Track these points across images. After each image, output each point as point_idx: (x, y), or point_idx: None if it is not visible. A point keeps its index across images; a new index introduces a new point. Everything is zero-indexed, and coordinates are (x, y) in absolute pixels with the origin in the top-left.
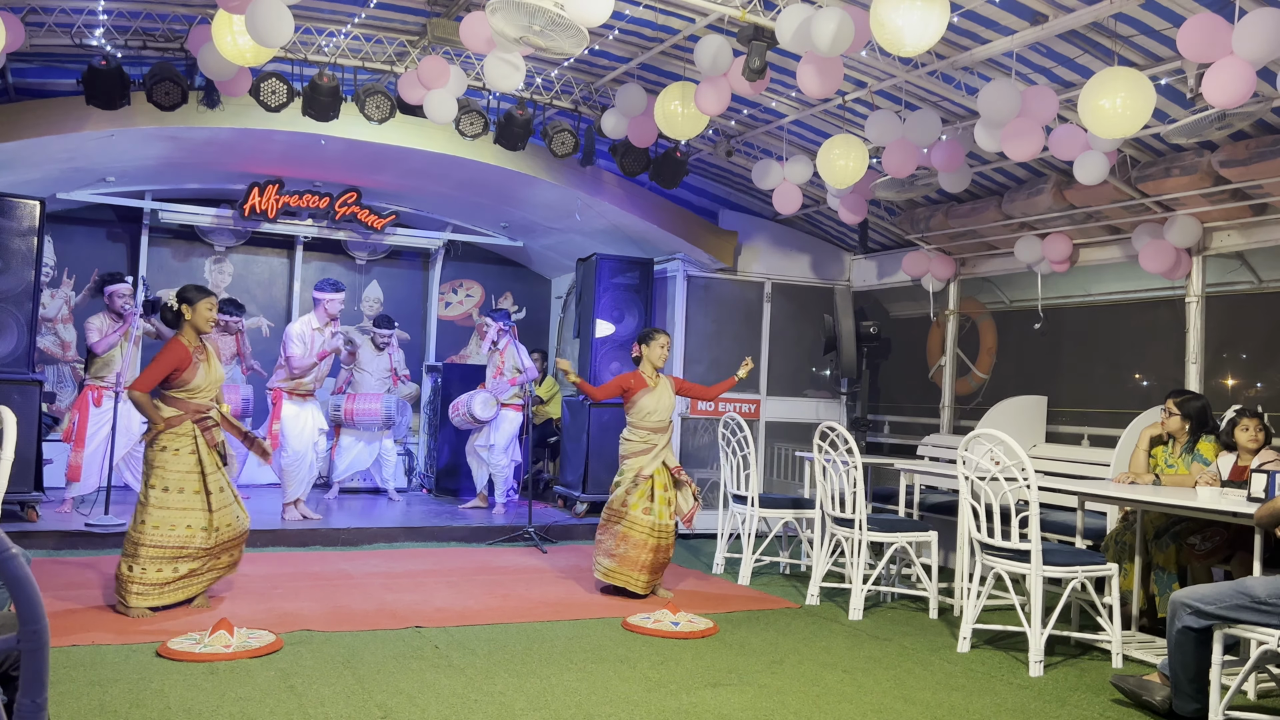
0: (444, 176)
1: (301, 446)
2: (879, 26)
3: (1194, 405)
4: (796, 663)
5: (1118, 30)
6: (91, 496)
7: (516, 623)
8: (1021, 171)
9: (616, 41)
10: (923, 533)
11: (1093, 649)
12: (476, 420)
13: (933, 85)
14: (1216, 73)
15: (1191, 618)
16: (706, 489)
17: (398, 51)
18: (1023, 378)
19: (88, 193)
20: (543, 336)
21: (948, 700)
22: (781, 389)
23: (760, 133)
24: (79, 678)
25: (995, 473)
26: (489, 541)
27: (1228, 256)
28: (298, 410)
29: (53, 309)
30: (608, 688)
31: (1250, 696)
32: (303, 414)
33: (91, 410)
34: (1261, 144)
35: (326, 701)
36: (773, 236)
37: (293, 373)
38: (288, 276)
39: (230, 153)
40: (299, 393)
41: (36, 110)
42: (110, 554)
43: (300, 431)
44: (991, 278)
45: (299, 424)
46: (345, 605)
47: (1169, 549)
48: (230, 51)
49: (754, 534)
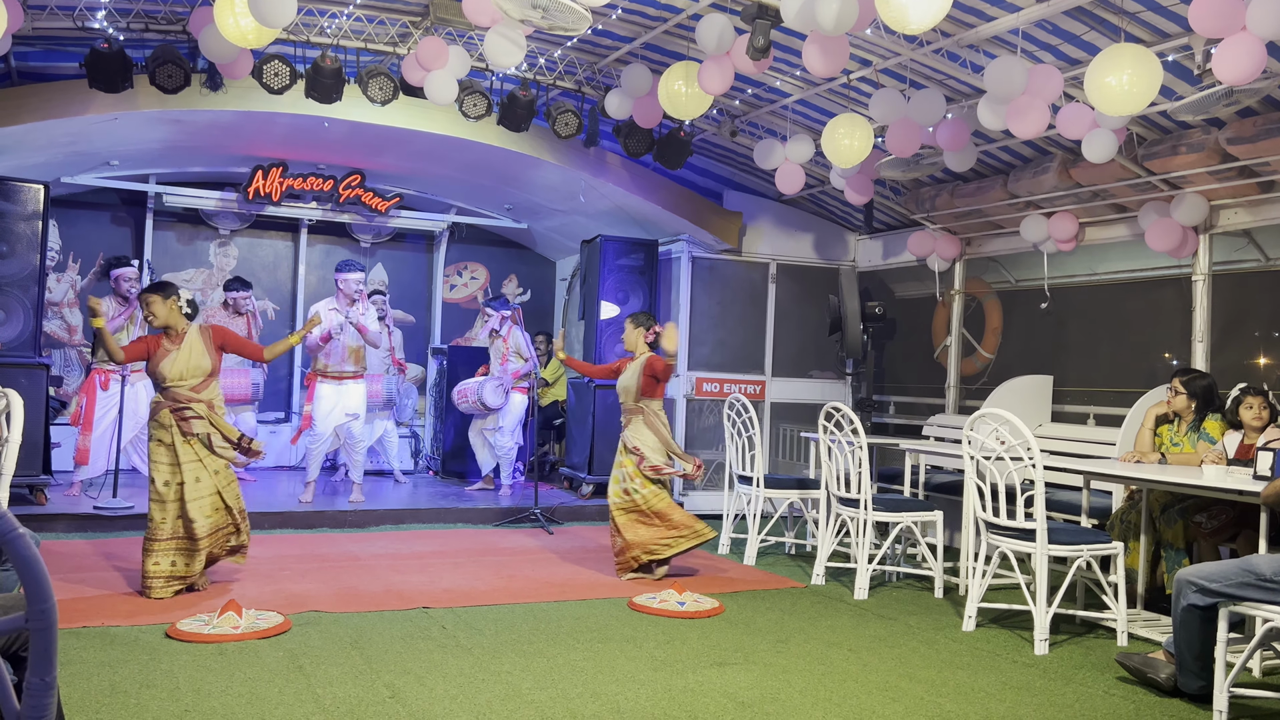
0: (448, 158)
1: (324, 428)
2: (884, 4)
3: (1200, 384)
4: (802, 642)
5: (1125, 6)
6: (100, 479)
7: (523, 603)
8: (1027, 150)
9: (620, 21)
10: (928, 512)
11: (1098, 627)
12: (487, 408)
13: (938, 63)
14: (1227, 48)
15: (1197, 595)
16: (712, 470)
17: (400, 33)
18: (1028, 357)
19: (92, 176)
20: (548, 319)
21: (953, 679)
22: (787, 370)
23: (764, 112)
24: (89, 659)
25: (1001, 452)
26: (495, 523)
27: (1234, 234)
28: (329, 392)
29: (59, 293)
30: (614, 667)
31: (1255, 674)
32: (334, 396)
33: (99, 394)
34: (1269, 121)
35: (335, 681)
36: (777, 217)
37: (308, 353)
38: (293, 259)
39: (234, 135)
40: (330, 374)
41: (40, 94)
42: (119, 536)
43: (326, 414)
44: (997, 257)
45: (326, 406)
46: (353, 586)
47: (1176, 524)
48: (232, 33)
49: (759, 514)
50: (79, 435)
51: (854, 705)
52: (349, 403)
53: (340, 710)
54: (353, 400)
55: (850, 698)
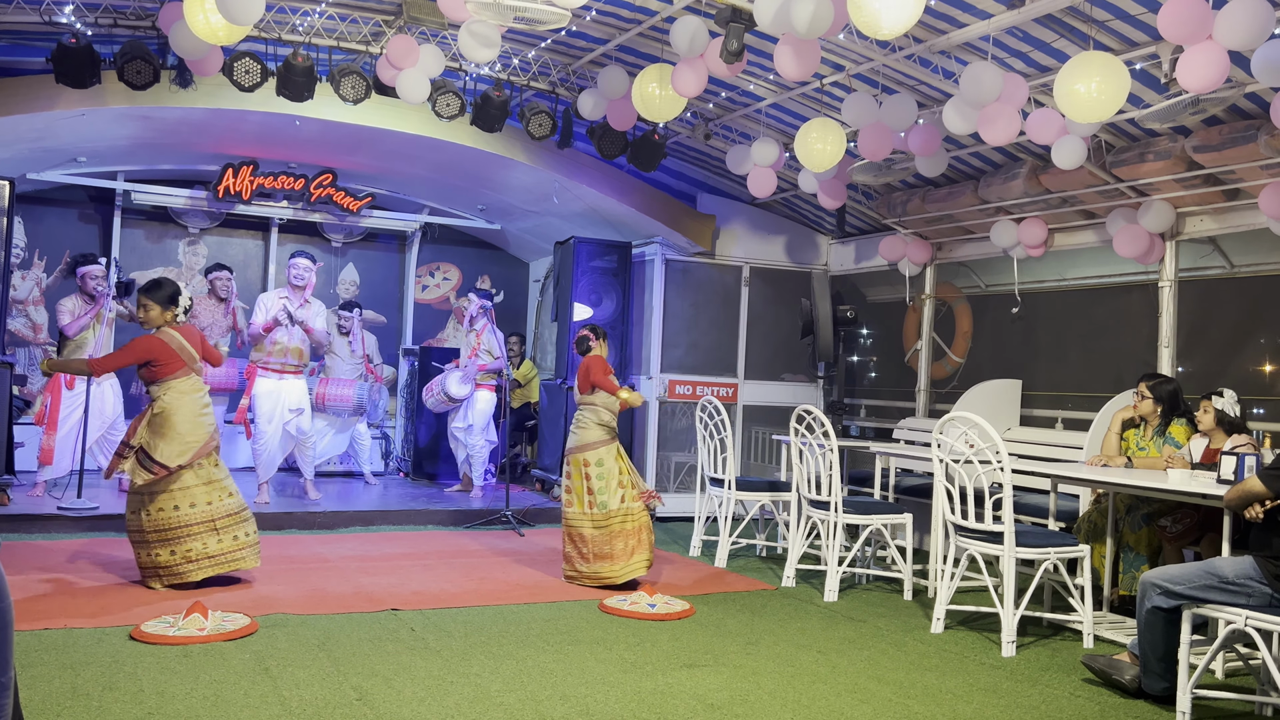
0: (421, 158)
1: (267, 427)
2: (856, 9)
3: (1165, 389)
4: (772, 644)
5: (1093, 15)
6: (64, 480)
7: (493, 605)
8: (997, 156)
9: (594, 23)
10: (898, 515)
11: (1064, 629)
12: (451, 399)
13: (910, 69)
14: (1191, 57)
15: (1161, 598)
16: (684, 472)
17: (373, 31)
18: (998, 362)
19: (59, 173)
20: (521, 320)
21: (921, 680)
22: (759, 373)
23: (738, 116)
24: (50, 661)
25: (969, 455)
26: (466, 525)
27: (1200, 241)
28: (270, 388)
29: (24, 291)
30: (584, 669)
31: (1218, 675)
32: (275, 391)
33: (64, 393)
34: (1234, 129)
35: (302, 684)
36: (751, 220)
37: (248, 339)
38: (263, 259)
39: (203, 133)
40: (271, 368)
41: (5, 88)
42: (83, 537)
43: (270, 411)
44: (967, 262)
45: (268, 405)
46: (321, 588)
47: (1141, 530)
48: (202, 30)
49: (731, 517)
50: (43, 435)
51: (823, 707)
52: (290, 398)
53: (307, 713)
54: (294, 395)
55: (819, 699)
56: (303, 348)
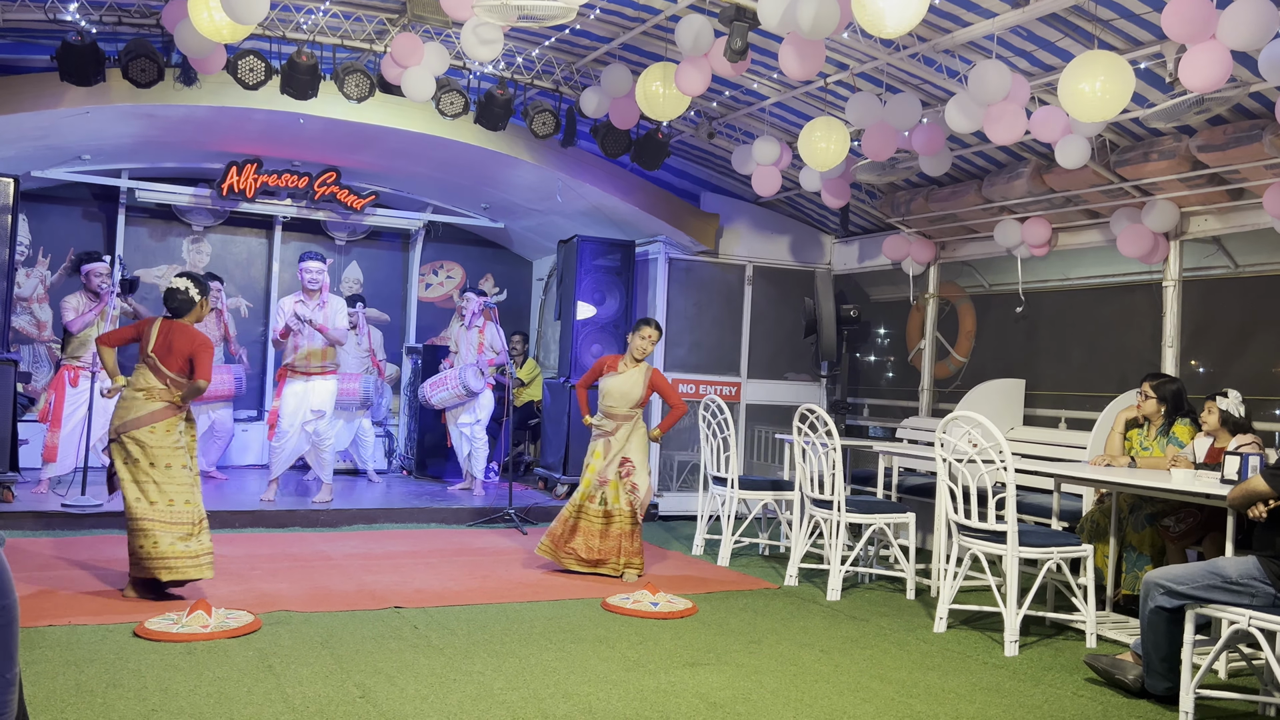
0: (424, 157)
1: (289, 428)
2: (861, 8)
3: (1169, 388)
4: (774, 642)
5: (1098, 14)
6: (68, 477)
7: (496, 603)
8: (1001, 155)
9: (598, 21)
10: (900, 514)
11: (1067, 629)
12: (471, 393)
13: (914, 68)
14: (1194, 56)
15: (1164, 598)
16: (687, 471)
17: (377, 29)
18: (1001, 361)
19: (63, 170)
20: (524, 319)
21: (923, 680)
22: (762, 372)
23: (742, 115)
24: (55, 658)
25: (973, 455)
26: (469, 523)
27: (1204, 241)
28: (297, 388)
29: (28, 288)
30: (586, 667)
31: (1221, 675)
32: (302, 393)
33: (68, 390)
34: (1239, 129)
35: (305, 681)
36: (754, 219)
37: (275, 348)
38: (266, 257)
39: (208, 131)
40: (298, 370)
41: (9, 86)
42: (87, 534)
43: (292, 412)
44: (971, 261)
45: (292, 404)
46: (324, 586)
47: (1144, 530)
48: (206, 28)
49: (734, 515)
50: (47, 432)
51: (825, 706)
52: (315, 399)
53: (310, 710)
54: (318, 397)
55: (822, 698)
56: (326, 348)
